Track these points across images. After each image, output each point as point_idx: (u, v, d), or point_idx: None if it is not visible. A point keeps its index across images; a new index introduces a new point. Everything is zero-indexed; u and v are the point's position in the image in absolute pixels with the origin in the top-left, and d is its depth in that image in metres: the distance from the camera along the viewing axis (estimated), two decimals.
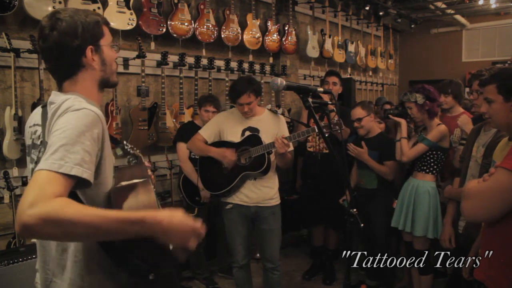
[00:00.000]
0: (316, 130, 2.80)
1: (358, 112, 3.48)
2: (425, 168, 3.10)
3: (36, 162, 1.34)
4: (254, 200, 3.01)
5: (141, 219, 1.10)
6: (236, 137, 3.02)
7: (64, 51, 1.31)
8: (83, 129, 1.16)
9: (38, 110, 1.41)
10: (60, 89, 1.37)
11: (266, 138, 2.92)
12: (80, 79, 1.35)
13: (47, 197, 1.03)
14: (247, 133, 3.00)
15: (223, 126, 3.09)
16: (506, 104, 1.74)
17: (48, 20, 1.31)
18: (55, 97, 1.33)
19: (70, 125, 1.16)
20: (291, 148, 2.93)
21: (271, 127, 3.02)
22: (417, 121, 3.18)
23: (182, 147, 3.55)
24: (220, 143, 3.06)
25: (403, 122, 3.18)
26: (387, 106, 4.42)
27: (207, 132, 3.11)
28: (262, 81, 4.84)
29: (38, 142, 1.36)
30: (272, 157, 2.99)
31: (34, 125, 1.41)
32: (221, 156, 3.00)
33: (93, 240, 1.23)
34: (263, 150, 2.89)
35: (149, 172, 1.59)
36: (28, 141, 1.43)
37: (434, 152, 3.06)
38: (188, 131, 3.47)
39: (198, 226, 1.20)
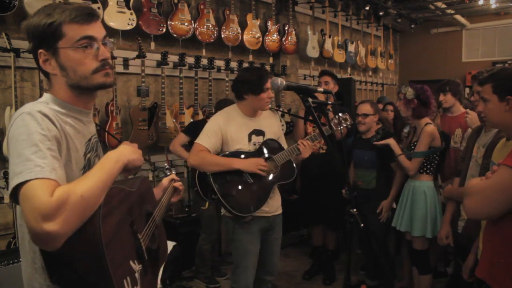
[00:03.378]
0: (329, 131, 2.51)
1: (366, 108, 3.46)
2: (419, 168, 3.10)
3: None
4: (274, 208, 2.69)
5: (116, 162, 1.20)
6: (243, 144, 2.58)
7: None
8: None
9: None
10: None
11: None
12: (52, 81, 1.25)
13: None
14: (254, 137, 2.63)
15: (226, 132, 2.55)
16: (501, 103, 1.74)
17: None
18: None
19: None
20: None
21: (273, 125, 2.76)
22: (402, 115, 3.19)
23: (180, 136, 3.62)
24: (233, 155, 2.54)
25: (390, 141, 3.17)
26: (390, 107, 4.42)
27: (210, 142, 2.52)
28: None
29: None
30: None
31: None
32: (253, 166, 2.48)
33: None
34: (289, 156, 2.61)
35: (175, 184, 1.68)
36: None
37: None
38: (198, 128, 2.92)
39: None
